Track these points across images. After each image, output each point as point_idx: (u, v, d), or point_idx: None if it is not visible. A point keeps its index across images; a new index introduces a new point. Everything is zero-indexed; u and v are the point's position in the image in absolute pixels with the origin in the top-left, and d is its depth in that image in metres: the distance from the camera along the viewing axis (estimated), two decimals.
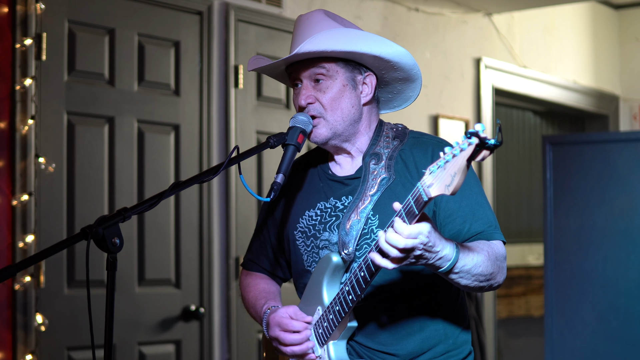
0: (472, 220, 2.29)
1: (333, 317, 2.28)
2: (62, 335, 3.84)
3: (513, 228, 7.49)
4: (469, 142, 1.83)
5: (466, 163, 1.85)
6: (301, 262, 2.46)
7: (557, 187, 4.66)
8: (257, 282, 2.61)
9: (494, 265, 2.21)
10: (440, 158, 1.90)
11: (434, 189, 1.92)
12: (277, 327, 2.35)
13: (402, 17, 5.59)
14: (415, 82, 2.43)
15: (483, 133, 1.81)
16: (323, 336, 2.33)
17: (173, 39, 4.30)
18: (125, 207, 2.05)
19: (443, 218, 2.30)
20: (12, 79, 3.68)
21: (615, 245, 4.49)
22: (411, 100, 2.51)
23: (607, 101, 7.60)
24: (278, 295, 2.56)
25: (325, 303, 2.31)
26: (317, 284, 2.35)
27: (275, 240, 2.58)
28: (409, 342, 2.34)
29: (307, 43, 2.27)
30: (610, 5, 7.63)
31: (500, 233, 2.31)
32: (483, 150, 1.82)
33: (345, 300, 2.23)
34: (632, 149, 4.50)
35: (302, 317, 2.33)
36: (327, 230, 2.39)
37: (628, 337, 4.44)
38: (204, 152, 4.36)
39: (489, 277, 2.21)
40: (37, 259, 1.97)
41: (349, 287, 2.21)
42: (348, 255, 2.30)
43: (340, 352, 2.32)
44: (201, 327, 4.33)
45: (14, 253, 3.66)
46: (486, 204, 2.33)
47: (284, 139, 2.30)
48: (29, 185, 3.69)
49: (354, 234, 2.30)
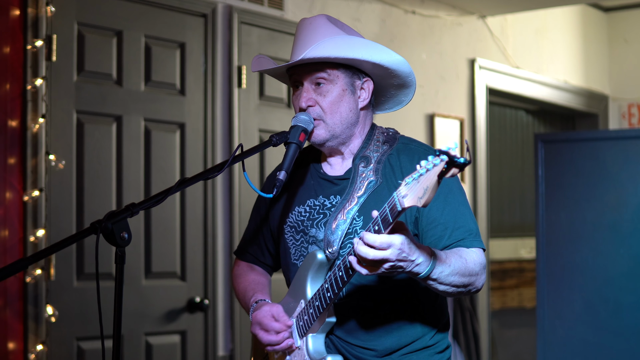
0: (453, 228, 2.29)
1: (313, 312, 2.30)
2: (72, 326, 3.84)
3: (506, 223, 7.49)
4: (441, 159, 1.84)
5: (437, 179, 1.86)
6: (289, 255, 2.47)
7: (549, 183, 4.66)
8: (248, 272, 2.63)
9: (472, 273, 2.22)
10: (416, 171, 1.92)
11: (407, 199, 1.93)
12: (257, 326, 2.39)
13: (399, 20, 5.59)
14: (410, 88, 2.44)
15: (453, 151, 1.81)
16: (303, 328, 2.35)
17: (179, 40, 4.29)
18: (133, 203, 2.06)
19: (425, 224, 2.31)
20: (23, 79, 3.68)
21: (605, 239, 4.49)
22: (403, 104, 2.52)
23: (597, 100, 7.59)
24: (267, 286, 2.58)
25: (308, 297, 2.33)
26: (302, 278, 2.37)
27: (268, 232, 2.60)
28: (387, 339, 2.35)
29: (313, 49, 2.28)
30: (600, 8, 7.62)
31: (480, 241, 2.31)
32: (452, 167, 1.83)
33: (324, 297, 2.25)
34: (620, 146, 4.50)
35: (283, 320, 2.36)
36: (315, 227, 2.40)
37: (617, 327, 4.44)
38: (209, 149, 4.36)
39: (466, 284, 2.22)
40: (48, 252, 1.97)
41: (327, 285, 2.24)
42: (332, 254, 2.32)
43: (318, 345, 2.35)
44: (205, 318, 4.33)
45: (25, 247, 3.66)
46: (468, 212, 2.34)
47: (286, 138, 2.31)
48: (40, 182, 3.69)
49: (339, 234, 2.31)
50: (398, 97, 2.48)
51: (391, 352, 2.35)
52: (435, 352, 2.39)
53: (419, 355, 2.36)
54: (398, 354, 2.35)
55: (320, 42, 2.30)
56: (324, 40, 2.30)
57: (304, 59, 2.29)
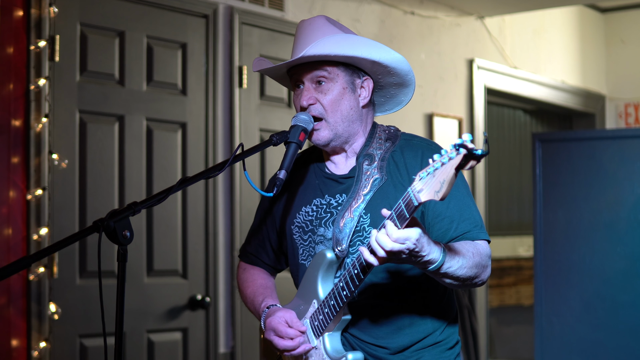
0: (459, 221, 2.29)
1: (328, 311, 2.30)
2: (75, 323, 3.84)
3: (504, 221, 7.49)
4: (457, 152, 1.82)
5: (454, 172, 1.85)
6: (297, 255, 2.47)
7: (546, 182, 4.66)
8: (255, 277, 2.62)
9: (478, 266, 2.23)
10: (430, 165, 1.90)
11: (423, 194, 1.93)
12: (272, 332, 2.38)
13: (398, 20, 5.59)
14: (409, 87, 2.44)
15: (470, 144, 1.80)
16: (319, 328, 2.34)
17: (180, 41, 4.29)
18: (135, 202, 2.05)
19: (431, 218, 2.31)
20: (26, 79, 3.68)
21: (602, 238, 4.49)
22: (403, 104, 2.51)
23: (594, 100, 7.59)
24: (274, 291, 2.58)
25: (321, 297, 2.33)
26: (312, 278, 2.36)
27: (273, 233, 2.59)
28: (399, 336, 2.35)
29: (313, 47, 2.28)
30: (597, 8, 7.62)
31: (485, 233, 2.32)
32: (471, 160, 1.82)
33: (340, 296, 2.25)
34: (617, 146, 4.50)
35: (297, 325, 2.35)
36: (323, 225, 2.40)
37: (613, 324, 4.45)
38: (210, 149, 4.36)
39: (473, 277, 2.22)
40: (51, 250, 1.97)
41: (343, 283, 2.23)
42: (341, 252, 2.32)
43: (335, 343, 2.35)
44: (207, 316, 4.33)
45: (29, 245, 3.66)
46: (473, 205, 2.34)
47: (286, 137, 2.31)
48: (43, 181, 3.69)
49: (347, 232, 2.31)
50: (398, 97, 2.48)
51: (404, 349, 2.35)
52: (446, 348, 2.40)
53: (430, 352, 2.37)
54: (410, 351, 2.36)
55: (319, 40, 2.30)
56: (323, 39, 2.30)
57: (304, 56, 2.29)
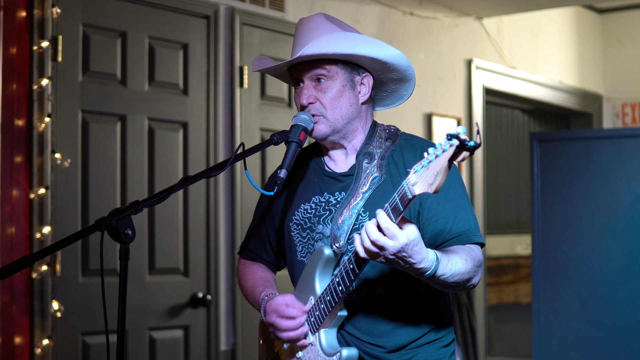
0: (453, 222, 2.29)
1: (324, 307, 2.29)
2: (77, 321, 3.84)
3: (502, 219, 7.49)
4: (450, 144, 1.83)
5: (447, 163, 1.85)
6: (295, 252, 2.46)
7: (544, 181, 4.66)
8: (254, 270, 2.62)
9: (470, 272, 2.22)
10: (424, 158, 1.90)
11: (418, 187, 1.92)
12: (274, 314, 2.35)
13: (397, 21, 5.58)
14: (409, 82, 2.43)
15: (463, 135, 1.81)
16: (315, 324, 2.33)
17: (182, 41, 4.29)
18: (137, 200, 2.05)
19: (426, 218, 2.30)
20: (29, 79, 3.68)
21: (599, 236, 4.49)
22: (404, 99, 2.50)
23: (591, 100, 7.59)
24: (274, 283, 2.57)
25: (318, 293, 2.32)
26: (310, 274, 2.36)
27: (272, 230, 2.58)
28: (395, 336, 2.34)
29: (311, 46, 2.27)
30: (594, 9, 7.61)
31: (479, 236, 2.31)
32: (463, 151, 1.82)
33: (336, 291, 2.24)
34: (614, 145, 4.50)
35: (298, 306, 2.34)
36: (321, 223, 2.39)
37: (610, 322, 4.44)
38: (211, 148, 4.36)
39: (464, 282, 2.22)
40: (54, 249, 1.97)
41: (339, 279, 2.22)
42: (339, 249, 2.31)
43: (331, 339, 2.33)
44: (208, 314, 4.33)
45: (32, 243, 3.66)
46: (468, 206, 2.33)
47: (286, 137, 2.30)
48: (46, 180, 3.69)
49: (346, 229, 2.30)
50: (399, 91, 2.47)
51: (399, 348, 2.35)
52: (441, 345, 2.40)
53: (426, 349, 2.37)
54: (406, 349, 2.35)
55: (318, 39, 2.29)
56: (322, 37, 2.30)
57: (302, 56, 2.29)
